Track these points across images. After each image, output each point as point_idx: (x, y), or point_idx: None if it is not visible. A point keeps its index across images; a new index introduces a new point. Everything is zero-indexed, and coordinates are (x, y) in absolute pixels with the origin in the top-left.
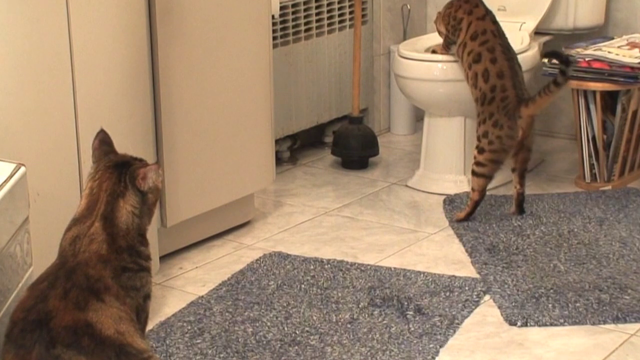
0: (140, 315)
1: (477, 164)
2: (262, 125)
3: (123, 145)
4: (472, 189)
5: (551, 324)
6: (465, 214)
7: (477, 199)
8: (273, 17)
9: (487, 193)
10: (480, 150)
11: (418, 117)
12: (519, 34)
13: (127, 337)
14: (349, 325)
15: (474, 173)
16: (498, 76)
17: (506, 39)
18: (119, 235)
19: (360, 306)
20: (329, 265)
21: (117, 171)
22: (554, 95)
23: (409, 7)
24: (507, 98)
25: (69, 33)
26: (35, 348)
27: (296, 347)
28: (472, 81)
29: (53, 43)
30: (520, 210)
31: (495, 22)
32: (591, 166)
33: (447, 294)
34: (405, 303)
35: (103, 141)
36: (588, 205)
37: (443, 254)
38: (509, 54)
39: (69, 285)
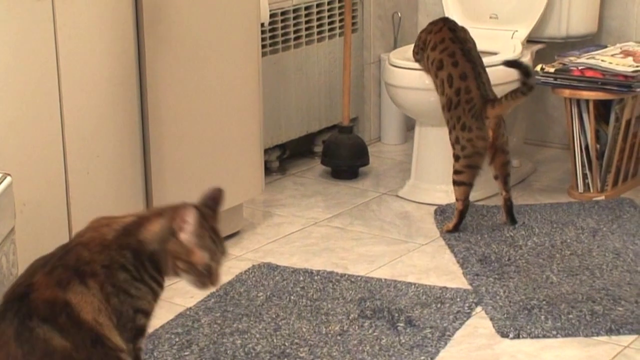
0: (126, 325)
1: (455, 172)
2: (250, 135)
3: (110, 156)
4: (456, 199)
5: (544, 336)
6: (453, 225)
7: (462, 208)
8: (262, 25)
9: (479, 204)
10: (456, 158)
11: (409, 126)
12: (511, 42)
13: (105, 330)
14: (339, 337)
15: (454, 182)
16: (461, 78)
17: (468, 44)
18: (133, 236)
19: (350, 318)
20: (318, 277)
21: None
22: (520, 101)
23: (399, 15)
24: (472, 100)
25: (56, 42)
26: (14, 321)
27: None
28: (440, 89)
29: (39, 52)
30: (512, 218)
31: (452, 30)
32: (584, 176)
33: (439, 305)
34: (396, 315)
35: (212, 198)
36: (581, 215)
37: (434, 265)
38: (470, 56)
39: (58, 263)
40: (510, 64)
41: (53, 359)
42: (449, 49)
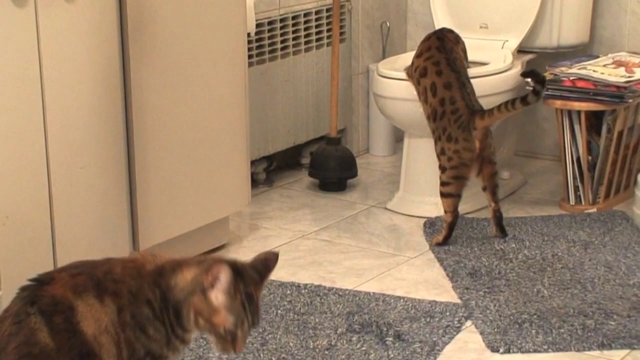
0: None
1: (442, 183)
2: (237, 146)
3: (94, 169)
4: (444, 211)
5: (534, 351)
6: (443, 238)
7: (451, 220)
8: (249, 34)
9: (469, 216)
10: (442, 169)
11: (398, 137)
12: (502, 52)
13: (104, 352)
14: (326, 352)
15: (441, 194)
16: (445, 87)
17: (454, 54)
18: (165, 279)
19: (338, 332)
20: (306, 290)
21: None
22: (516, 112)
23: (388, 24)
24: (457, 110)
25: (39, 51)
26: (20, 302)
27: None
28: (423, 97)
29: (22, 61)
30: (502, 230)
31: (440, 39)
32: (576, 188)
33: (428, 319)
34: (385, 329)
35: (263, 262)
36: (572, 228)
37: (423, 279)
38: (455, 66)
39: (86, 270)
40: (526, 74)
41: (31, 350)
42: (433, 58)
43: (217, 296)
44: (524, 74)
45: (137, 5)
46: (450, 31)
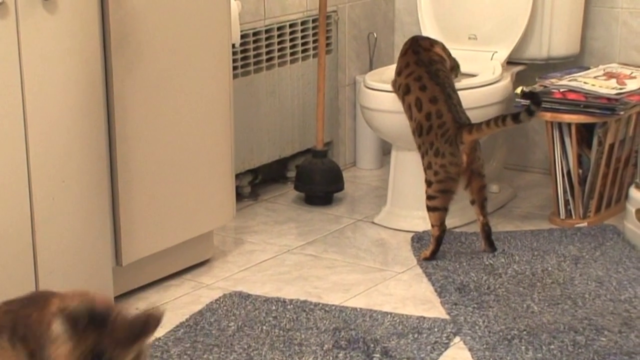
0: None
1: (428, 197)
2: (221, 159)
3: (76, 182)
4: (432, 225)
5: None
6: (431, 253)
7: (438, 234)
8: (233, 45)
9: (457, 230)
10: (429, 183)
11: (385, 150)
12: (491, 63)
13: None
14: None
15: (428, 208)
16: (431, 102)
17: (435, 65)
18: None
19: (324, 348)
20: (291, 306)
21: None
22: (506, 129)
23: (375, 35)
24: (444, 124)
25: (20, 64)
26: None
27: None
28: (408, 113)
29: (2, 73)
30: (491, 244)
31: (416, 53)
32: (566, 202)
33: (416, 335)
34: (372, 345)
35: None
36: (563, 243)
37: (411, 294)
38: (438, 79)
39: (15, 308)
40: (527, 95)
41: None
42: (414, 74)
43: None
44: (526, 95)
45: (120, 16)
46: (424, 38)
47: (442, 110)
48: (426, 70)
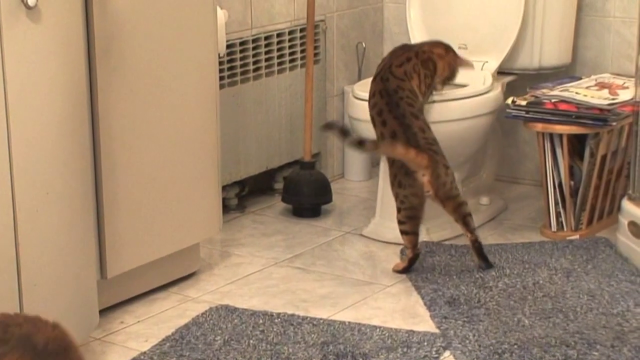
0: None
1: (399, 222)
2: (208, 171)
3: (60, 193)
4: (405, 247)
5: None
6: (403, 268)
7: (411, 256)
8: (219, 55)
9: (447, 243)
10: (397, 210)
11: (374, 162)
12: (481, 73)
13: None
14: None
15: (400, 231)
16: (392, 137)
17: (398, 94)
18: None
19: None
20: (279, 320)
21: None
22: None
23: (364, 45)
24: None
25: (3, 73)
26: None
27: None
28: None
29: None
30: (485, 260)
31: (384, 80)
32: (557, 214)
33: (405, 349)
34: (360, 359)
35: None
36: (554, 255)
37: (400, 307)
38: (398, 110)
39: None
40: (327, 127)
41: None
42: (377, 106)
43: None
44: (325, 127)
45: (105, 26)
46: (402, 52)
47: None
48: (387, 102)
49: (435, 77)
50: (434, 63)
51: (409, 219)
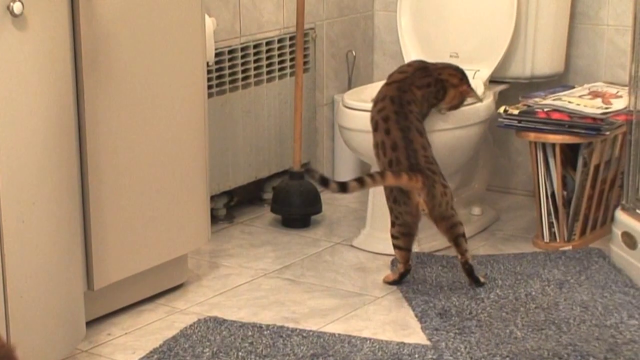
0: None
1: (392, 236)
2: (196, 181)
3: (46, 204)
4: (397, 261)
5: None
6: (392, 281)
7: (402, 271)
8: (208, 64)
9: (438, 254)
10: (392, 223)
11: (364, 172)
12: (473, 82)
13: None
14: None
15: (393, 245)
16: (392, 148)
17: (409, 107)
18: None
19: None
20: (268, 331)
21: None
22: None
23: (354, 53)
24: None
25: None
26: None
27: None
28: (375, 150)
29: None
30: (475, 280)
31: (402, 90)
32: (550, 225)
33: None
34: None
35: None
36: (547, 266)
37: (391, 319)
38: (405, 122)
39: None
40: (308, 173)
41: None
42: (384, 111)
43: None
44: (306, 172)
45: (92, 33)
46: (424, 74)
47: (400, 158)
48: (396, 110)
49: (442, 102)
50: (445, 91)
51: (403, 235)
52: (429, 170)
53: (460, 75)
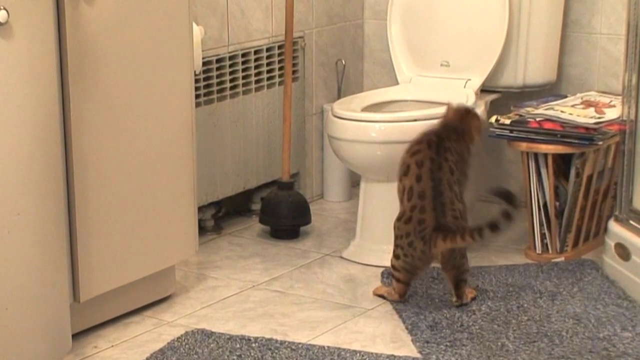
0: None
1: (393, 267)
2: (183, 191)
3: (32, 215)
4: (393, 288)
5: None
6: (380, 295)
7: (396, 299)
8: (195, 73)
9: (430, 266)
10: (396, 256)
11: (354, 182)
12: (464, 91)
13: None
14: None
15: (391, 274)
16: (419, 196)
17: (444, 155)
18: None
19: None
20: (256, 344)
21: None
22: (482, 241)
23: (343, 62)
24: (424, 222)
25: None
26: None
27: None
28: (400, 195)
29: None
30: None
31: (443, 137)
32: (542, 236)
33: None
34: None
35: None
36: (539, 278)
37: (381, 332)
38: (439, 174)
39: None
40: (496, 193)
41: None
42: (419, 155)
43: None
44: (494, 193)
45: (78, 42)
46: (463, 129)
47: (426, 207)
48: (432, 158)
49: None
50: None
51: (406, 272)
52: (456, 227)
53: (463, 110)
